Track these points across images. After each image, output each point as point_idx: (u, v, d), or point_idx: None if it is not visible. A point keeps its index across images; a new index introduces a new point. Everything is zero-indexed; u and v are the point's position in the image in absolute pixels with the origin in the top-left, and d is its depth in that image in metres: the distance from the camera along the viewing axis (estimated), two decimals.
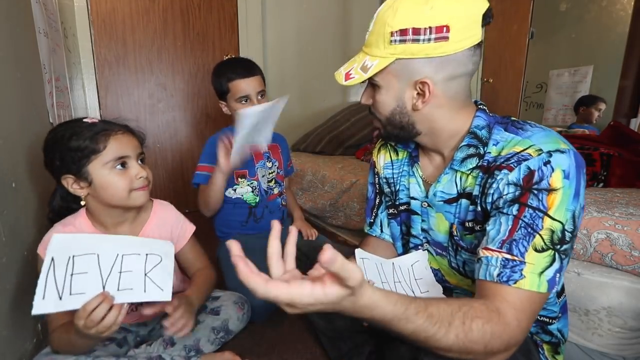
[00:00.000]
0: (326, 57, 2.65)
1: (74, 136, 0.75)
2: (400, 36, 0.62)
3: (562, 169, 0.57)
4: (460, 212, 0.70)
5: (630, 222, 0.82)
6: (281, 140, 1.49)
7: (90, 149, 0.75)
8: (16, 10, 1.04)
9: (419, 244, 0.82)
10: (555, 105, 2.82)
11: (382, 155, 0.88)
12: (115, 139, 0.77)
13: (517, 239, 0.56)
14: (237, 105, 1.27)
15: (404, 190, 0.82)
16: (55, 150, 0.76)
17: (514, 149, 0.61)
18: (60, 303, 0.60)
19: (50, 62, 1.30)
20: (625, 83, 1.97)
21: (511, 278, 0.55)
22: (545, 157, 0.57)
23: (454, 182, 0.70)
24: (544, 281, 0.55)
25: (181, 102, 2.33)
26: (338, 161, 1.99)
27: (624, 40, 2.02)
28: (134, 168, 0.79)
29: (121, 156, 0.77)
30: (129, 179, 0.78)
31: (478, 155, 0.66)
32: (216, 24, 2.32)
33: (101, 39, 2.07)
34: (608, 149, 1.22)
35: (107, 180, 0.76)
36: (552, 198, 0.56)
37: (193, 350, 0.88)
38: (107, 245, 0.69)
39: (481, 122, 0.68)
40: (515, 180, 0.59)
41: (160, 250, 0.75)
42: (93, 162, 0.75)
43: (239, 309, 0.97)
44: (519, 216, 0.57)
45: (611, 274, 0.83)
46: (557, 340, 0.73)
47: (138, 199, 0.80)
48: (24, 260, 0.91)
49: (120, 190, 0.77)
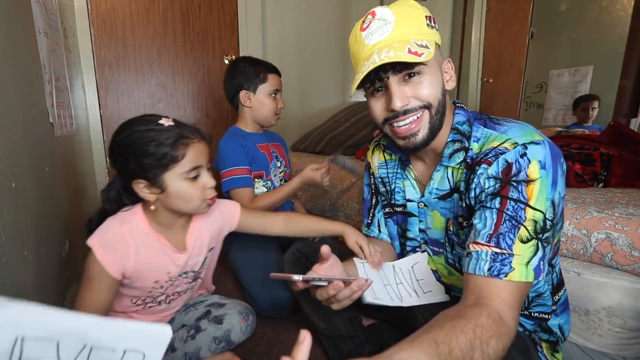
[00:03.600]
0: (326, 57, 2.65)
1: (153, 142, 0.71)
2: (430, 22, 0.68)
3: (538, 160, 0.59)
4: (454, 207, 0.72)
5: (630, 222, 0.82)
6: (281, 140, 1.51)
7: (170, 157, 0.72)
8: (16, 10, 1.04)
9: (416, 245, 0.83)
10: (555, 105, 2.83)
11: (376, 156, 0.89)
12: (193, 148, 0.74)
13: (503, 232, 0.58)
14: (267, 99, 1.32)
15: (399, 192, 0.83)
16: (131, 153, 0.72)
17: (492, 144, 0.64)
18: None
19: (50, 62, 1.30)
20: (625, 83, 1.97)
21: (502, 271, 0.57)
22: (520, 150, 0.60)
23: (446, 178, 0.72)
24: (531, 270, 0.57)
25: (181, 103, 2.33)
26: None
27: (624, 40, 2.02)
28: (205, 177, 0.77)
29: (197, 166, 0.75)
30: (201, 189, 0.76)
31: (464, 149, 0.69)
32: (216, 24, 2.32)
33: (101, 39, 2.07)
34: (608, 149, 1.22)
35: (182, 190, 0.75)
36: (530, 188, 0.58)
37: (194, 358, 0.88)
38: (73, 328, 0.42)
39: (461, 118, 0.72)
40: (494, 173, 0.61)
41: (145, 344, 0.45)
42: (170, 171, 0.73)
43: (243, 320, 0.94)
44: (502, 209, 0.59)
45: (611, 274, 0.83)
46: (555, 339, 0.73)
47: (206, 208, 0.80)
48: (24, 260, 0.91)
49: (195, 199, 0.76)
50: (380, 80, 0.67)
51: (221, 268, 1.56)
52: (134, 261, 0.78)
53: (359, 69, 0.68)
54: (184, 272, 0.89)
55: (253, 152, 1.34)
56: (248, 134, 1.37)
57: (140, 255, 0.79)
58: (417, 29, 0.65)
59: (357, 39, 0.69)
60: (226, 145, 1.30)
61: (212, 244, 0.93)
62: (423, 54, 0.61)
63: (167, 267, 0.84)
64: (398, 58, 0.61)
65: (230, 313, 0.94)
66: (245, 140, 1.34)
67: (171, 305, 0.95)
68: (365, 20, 0.68)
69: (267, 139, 1.43)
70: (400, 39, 0.64)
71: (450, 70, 0.71)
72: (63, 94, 1.46)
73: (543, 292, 0.70)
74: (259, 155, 1.36)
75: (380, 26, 0.66)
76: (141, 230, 0.80)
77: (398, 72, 0.66)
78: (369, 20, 0.67)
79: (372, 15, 0.67)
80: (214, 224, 0.92)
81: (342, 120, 2.41)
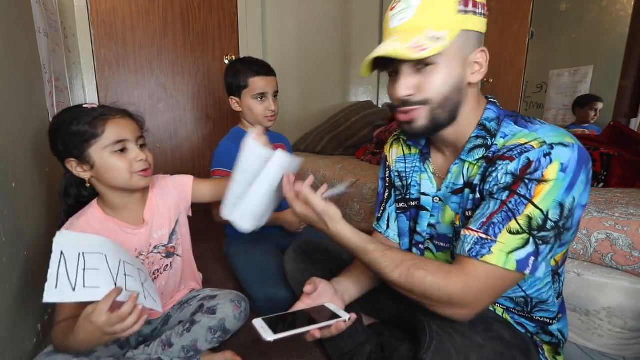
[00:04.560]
0: (326, 57, 2.65)
1: (74, 121, 0.78)
2: (464, 6, 0.62)
3: (561, 162, 0.57)
4: (463, 202, 0.71)
5: (631, 223, 0.82)
6: (285, 140, 1.50)
7: (90, 133, 0.77)
8: (16, 10, 1.04)
9: (421, 241, 0.82)
10: (555, 105, 2.83)
11: (395, 149, 0.88)
12: (113, 122, 0.79)
13: (495, 222, 0.59)
14: (253, 102, 1.30)
15: (415, 186, 0.82)
16: (58, 135, 0.80)
17: (519, 140, 0.62)
18: (73, 294, 0.60)
19: (50, 62, 1.30)
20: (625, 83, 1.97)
21: (479, 253, 0.58)
22: (546, 149, 0.58)
23: (461, 173, 0.71)
24: (512, 260, 0.57)
25: (181, 102, 2.33)
26: (338, 161, 1.99)
27: (624, 40, 2.02)
28: (133, 151, 0.81)
29: (120, 140, 0.80)
30: (129, 162, 0.81)
31: (485, 147, 0.67)
32: (216, 24, 2.32)
33: (101, 39, 2.07)
34: (608, 149, 1.22)
35: (107, 163, 0.79)
36: (540, 188, 0.57)
37: (192, 350, 0.89)
38: (111, 249, 0.71)
39: (491, 115, 0.69)
40: (513, 170, 0.60)
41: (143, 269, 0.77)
42: (93, 146, 0.78)
43: (235, 307, 0.96)
44: (505, 201, 0.59)
45: (611, 274, 0.83)
46: (557, 341, 0.73)
47: (140, 181, 0.84)
48: (24, 260, 0.91)
49: (122, 171, 0.80)
50: (386, 67, 0.66)
51: (221, 268, 1.57)
52: None
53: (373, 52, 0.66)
54: (153, 247, 0.93)
55: None
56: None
57: None
58: (441, 17, 0.61)
59: (386, 18, 0.67)
60: (223, 146, 1.32)
61: (174, 216, 0.98)
62: (426, 49, 0.58)
63: (132, 245, 0.88)
64: (394, 53, 0.59)
65: (223, 302, 0.95)
66: None
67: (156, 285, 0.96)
68: (395, 0, 0.65)
69: (270, 140, 1.42)
70: (415, 27, 0.61)
71: (482, 61, 0.66)
72: (63, 94, 1.46)
73: (547, 298, 0.69)
74: None
75: (402, 10, 0.63)
76: (96, 217, 0.86)
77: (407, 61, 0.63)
78: (397, 1, 0.64)
79: None
80: (170, 197, 0.98)
81: (342, 120, 2.41)
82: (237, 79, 1.29)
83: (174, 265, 0.98)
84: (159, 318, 0.98)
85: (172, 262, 0.98)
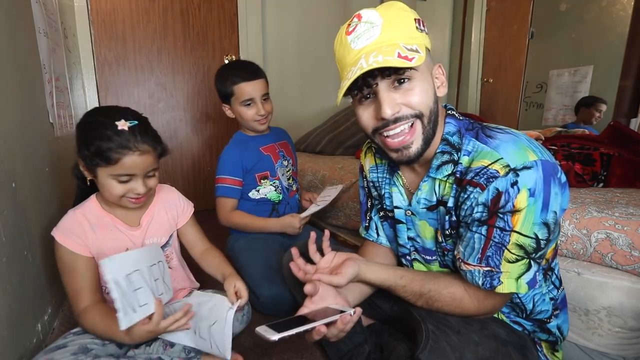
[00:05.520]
0: (326, 56, 2.65)
1: (97, 139, 0.78)
2: (419, 25, 0.64)
3: (528, 188, 0.58)
4: (440, 219, 0.71)
5: (630, 222, 0.82)
6: (288, 137, 1.50)
7: (105, 157, 0.78)
8: (16, 10, 1.04)
9: (406, 253, 0.82)
10: (555, 105, 2.82)
11: (368, 159, 0.87)
12: (129, 159, 0.80)
13: (490, 255, 0.62)
14: (241, 109, 1.29)
15: (388, 198, 0.82)
16: (82, 135, 0.82)
17: (482, 162, 0.62)
18: (136, 315, 0.71)
19: (50, 62, 1.30)
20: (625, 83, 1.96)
21: (492, 285, 0.63)
22: (512, 178, 0.58)
23: (433, 190, 0.71)
24: (522, 284, 0.62)
25: (181, 102, 2.33)
26: (338, 161, 1.99)
27: (624, 40, 2.01)
28: (134, 184, 0.83)
29: (128, 174, 0.82)
30: (126, 189, 0.83)
31: (452, 162, 0.67)
32: (216, 24, 2.32)
33: (101, 39, 2.07)
34: (608, 149, 1.22)
35: (107, 185, 0.82)
36: (516, 218, 0.59)
37: (193, 351, 0.88)
38: (140, 261, 0.77)
39: (452, 129, 0.68)
40: (484, 201, 0.61)
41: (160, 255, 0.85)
42: (102, 168, 0.80)
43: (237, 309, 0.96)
44: (489, 237, 0.62)
45: (611, 274, 0.83)
46: (555, 339, 0.73)
47: (128, 204, 0.86)
48: (24, 260, 0.91)
49: (114, 195, 0.83)
50: (368, 86, 0.63)
51: None
52: (92, 238, 0.86)
53: (345, 75, 0.64)
54: None
55: (256, 156, 1.35)
56: (251, 137, 1.37)
57: (96, 232, 0.87)
58: (407, 33, 0.62)
59: (343, 43, 0.65)
60: (225, 154, 1.34)
61: (170, 228, 0.99)
62: (414, 59, 0.58)
63: (124, 243, 0.90)
64: (387, 63, 0.58)
65: None
66: (247, 146, 1.35)
67: None
68: (351, 24, 0.64)
69: (273, 139, 1.42)
70: (388, 42, 0.61)
71: (442, 76, 0.69)
72: (63, 94, 1.46)
73: (540, 298, 0.70)
74: (262, 157, 1.36)
75: (366, 29, 0.62)
76: (94, 211, 0.89)
77: (387, 77, 0.62)
78: (355, 24, 0.63)
79: (358, 18, 0.63)
80: (172, 211, 1.00)
81: (342, 120, 2.40)
82: (225, 87, 1.27)
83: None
84: None
85: None
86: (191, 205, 1.05)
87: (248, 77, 1.25)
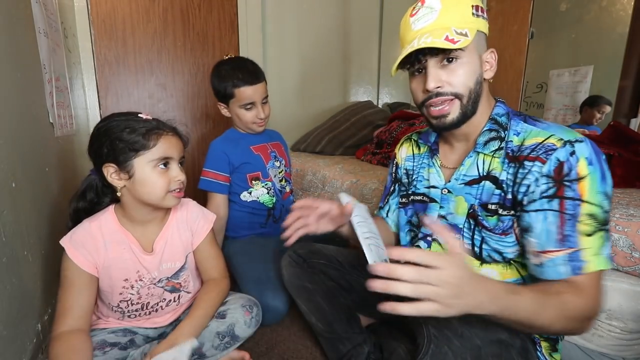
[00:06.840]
0: (326, 57, 2.65)
1: (127, 128, 0.78)
2: (476, 11, 0.72)
3: (585, 157, 0.63)
4: (482, 194, 0.74)
5: (631, 224, 0.82)
6: (281, 139, 1.50)
7: (141, 143, 0.78)
8: (16, 10, 1.04)
9: (429, 233, 0.83)
10: (556, 105, 2.82)
11: (405, 149, 0.96)
12: (165, 139, 0.81)
13: (568, 234, 0.62)
14: (240, 111, 1.28)
15: (422, 181, 0.87)
16: (106, 138, 0.79)
17: (536, 139, 0.68)
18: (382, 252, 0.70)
19: (50, 62, 1.29)
20: (625, 83, 1.96)
21: (577, 267, 0.61)
22: (569, 148, 0.64)
23: (475, 165, 0.76)
24: (604, 257, 0.62)
25: (181, 102, 2.33)
26: (338, 161, 1.99)
27: (624, 40, 2.01)
28: (174, 170, 0.82)
29: (166, 157, 0.80)
30: (168, 180, 0.81)
31: (499, 139, 0.73)
32: (216, 24, 2.32)
33: (101, 39, 2.07)
34: (608, 149, 1.22)
35: (148, 177, 0.79)
36: (582, 185, 0.62)
37: (196, 354, 0.87)
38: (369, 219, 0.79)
39: (501, 111, 0.77)
40: (547, 172, 0.64)
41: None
42: (140, 157, 0.78)
43: (247, 312, 0.93)
44: (562, 210, 0.63)
45: (611, 275, 0.83)
46: (555, 338, 0.73)
47: (171, 201, 0.83)
48: (24, 260, 0.91)
49: (158, 188, 0.80)
50: (419, 62, 0.72)
51: None
52: (103, 257, 0.82)
53: (402, 52, 0.73)
54: (157, 279, 0.89)
55: (245, 155, 1.33)
56: (242, 135, 1.36)
57: (108, 251, 0.83)
58: (461, 18, 0.69)
59: (406, 23, 0.75)
60: (214, 147, 1.34)
61: (185, 250, 0.94)
62: (458, 42, 0.66)
63: (135, 266, 0.86)
64: (433, 44, 0.67)
65: (234, 307, 0.93)
66: (238, 144, 1.33)
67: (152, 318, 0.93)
68: (415, 7, 0.73)
69: (265, 139, 1.41)
70: (442, 26, 0.69)
71: (492, 60, 0.76)
72: (63, 94, 1.46)
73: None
74: (252, 157, 1.35)
75: (426, 13, 0.71)
76: (110, 226, 0.85)
77: (435, 56, 0.70)
78: (418, 8, 0.72)
79: (421, 2, 0.72)
80: (186, 233, 0.94)
81: (342, 120, 2.41)
82: (224, 88, 1.25)
83: (181, 300, 0.96)
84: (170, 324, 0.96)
85: (179, 296, 0.95)
86: (209, 221, 0.99)
87: (251, 80, 1.23)
